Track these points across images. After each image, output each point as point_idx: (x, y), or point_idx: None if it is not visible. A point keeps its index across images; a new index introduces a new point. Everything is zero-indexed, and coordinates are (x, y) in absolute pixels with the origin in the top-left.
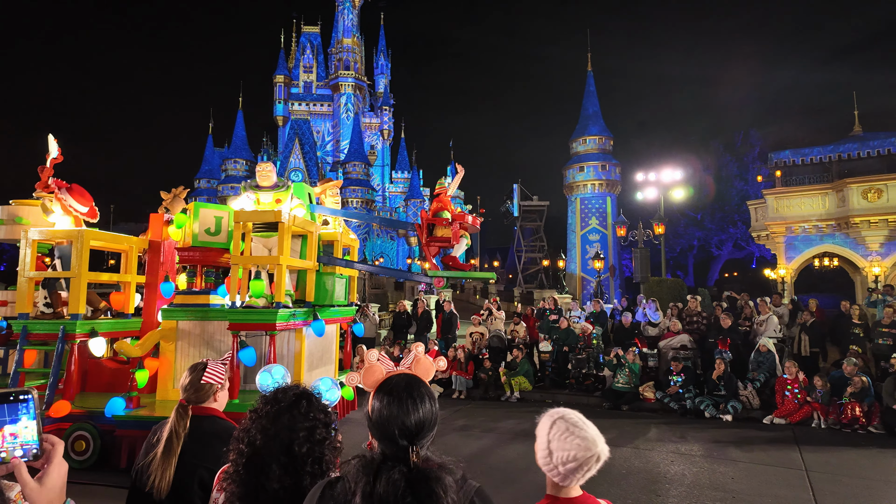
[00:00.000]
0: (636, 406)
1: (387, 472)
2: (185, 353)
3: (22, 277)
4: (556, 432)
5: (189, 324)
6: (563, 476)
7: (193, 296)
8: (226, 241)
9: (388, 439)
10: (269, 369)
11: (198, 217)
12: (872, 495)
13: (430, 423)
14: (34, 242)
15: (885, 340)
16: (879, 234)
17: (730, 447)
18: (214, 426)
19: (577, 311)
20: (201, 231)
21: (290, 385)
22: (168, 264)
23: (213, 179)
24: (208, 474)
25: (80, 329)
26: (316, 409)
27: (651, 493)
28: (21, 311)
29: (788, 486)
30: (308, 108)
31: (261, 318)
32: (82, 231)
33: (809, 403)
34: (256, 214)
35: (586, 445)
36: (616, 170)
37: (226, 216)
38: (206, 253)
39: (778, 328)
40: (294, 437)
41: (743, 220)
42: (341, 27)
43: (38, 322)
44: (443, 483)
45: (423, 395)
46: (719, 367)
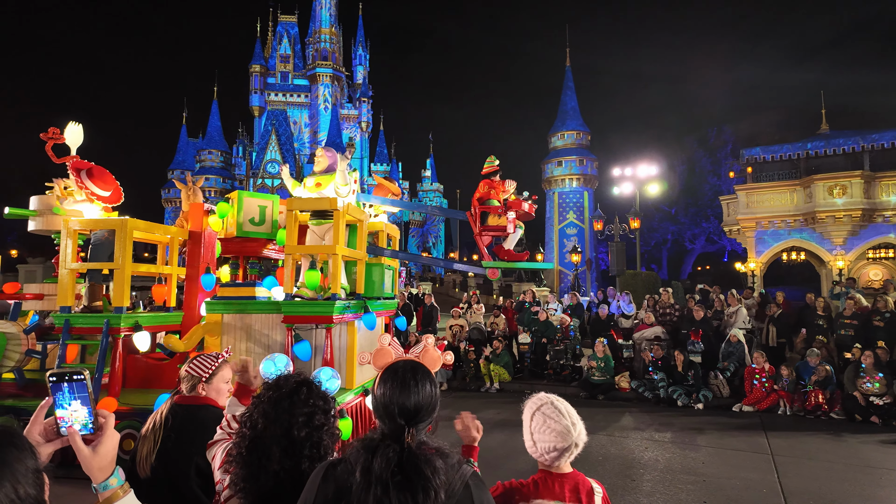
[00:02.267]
0: (612, 395)
1: (383, 451)
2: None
3: (63, 269)
4: (536, 425)
5: (234, 317)
6: (549, 461)
7: (238, 288)
8: (269, 230)
9: (389, 418)
10: (273, 358)
11: (242, 207)
12: (833, 476)
13: (428, 407)
14: (75, 233)
15: (847, 331)
16: (843, 230)
17: (701, 434)
18: (209, 415)
19: (554, 304)
20: (245, 221)
21: (291, 373)
22: (209, 256)
23: (188, 170)
24: (204, 461)
25: (125, 323)
26: (315, 396)
27: (626, 478)
28: (63, 304)
29: (756, 470)
30: (285, 98)
31: (317, 311)
32: (125, 220)
33: (776, 391)
34: (310, 202)
35: (565, 436)
36: (593, 164)
37: (270, 205)
38: (249, 244)
39: (747, 320)
40: (293, 422)
41: (716, 214)
42: (319, 17)
43: (81, 315)
44: (432, 464)
45: (425, 380)
46: (679, 359)
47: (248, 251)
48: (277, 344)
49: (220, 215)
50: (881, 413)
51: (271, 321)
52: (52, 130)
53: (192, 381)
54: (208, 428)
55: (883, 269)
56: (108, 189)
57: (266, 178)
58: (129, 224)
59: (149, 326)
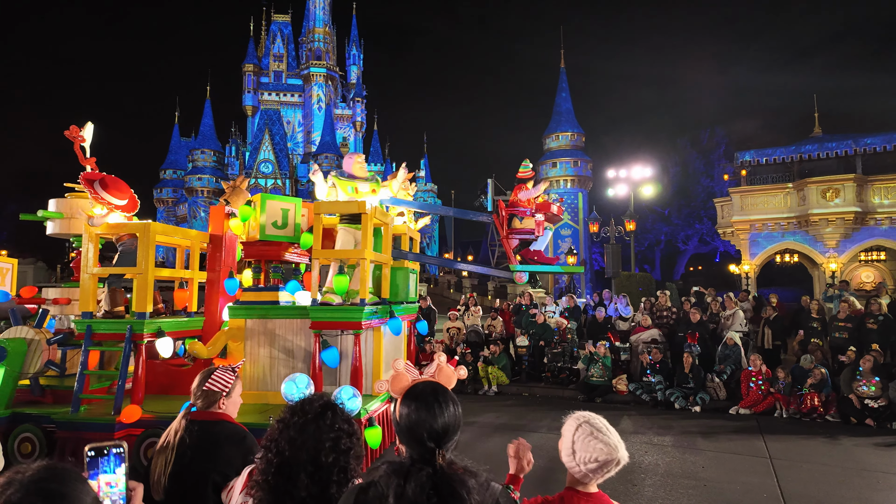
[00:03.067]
0: (609, 398)
1: (415, 475)
2: (253, 353)
3: (85, 274)
4: (581, 435)
5: (256, 322)
6: (583, 474)
7: (261, 292)
8: (292, 234)
9: (417, 442)
10: (294, 378)
11: (265, 210)
12: (830, 480)
13: (454, 427)
14: (96, 237)
15: (841, 334)
16: (836, 232)
17: (699, 437)
18: (224, 430)
19: (552, 307)
20: (268, 224)
21: (314, 395)
22: (230, 259)
23: (180, 170)
24: (221, 478)
25: (148, 329)
26: (340, 419)
27: (628, 483)
28: (84, 309)
29: (754, 473)
30: (278, 98)
31: (346, 317)
32: (148, 224)
33: (772, 394)
34: (338, 205)
35: (609, 450)
36: (587, 166)
37: (292, 208)
38: (271, 247)
39: (744, 322)
40: (320, 448)
41: (709, 216)
42: (313, 16)
43: (104, 321)
44: (466, 485)
45: (448, 400)
46: (687, 361)
47: (269, 255)
48: (300, 349)
49: (243, 218)
50: (876, 416)
51: (296, 326)
52: (73, 129)
53: (213, 396)
54: (223, 445)
55: (875, 271)
56: (123, 198)
57: (259, 177)
58: (152, 228)
59: (170, 332)
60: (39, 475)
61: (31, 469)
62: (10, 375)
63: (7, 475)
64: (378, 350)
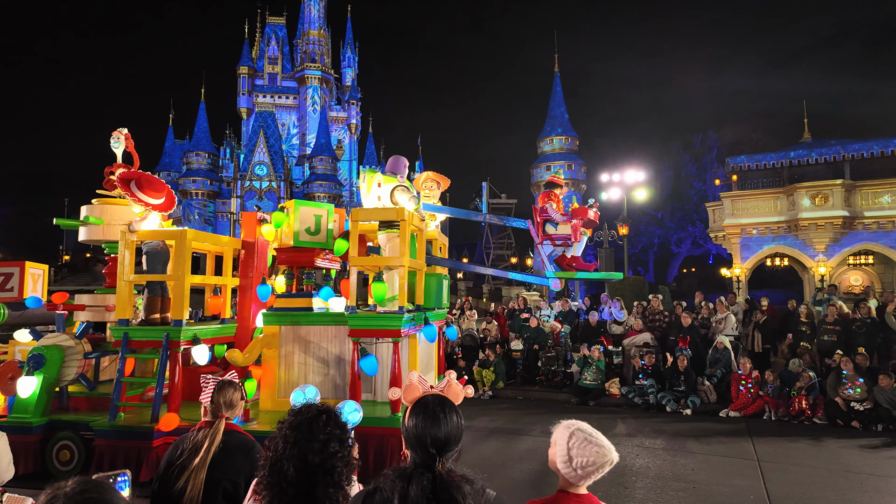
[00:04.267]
0: (602, 401)
1: (417, 479)
2: (287, 360)
3: (121, 281)
4: (576, 441)
5: (291, 329)
6: (579, 477)
7: (295, 299)
8: (325, 240)
9: (421, 449)
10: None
11: (298, 215)
12: (816, 482)
13: (455, 437)
14: (132, 243)
15: (830, 337)
16: (825, 237)
17: (690, 440)
18: (234, 439)
19: (546, 311)
20: (301, 230)
21: (316, 403)
22: (262, 266)
23: (174, 172)
24: (231, 486)
25: (184, 336)
26: (333, 424)
27: (619, 486)
28: (121, 316)
29: (743, 476)
30: (273, 100)
31: (385, 324)
32: (184, 231)
33: (762, 397)
34: (376, 212)
35: (603, 453)
36: (581, 169)
37: (325, 214)
38: (303, 253)
39: (735, 326)
40: (309, 447)
41: (701, 219)
42: (307, 19)
43: (140, 329)
44: (462, 490)
45: (453, 412)
46: (682, 363)
47: (302, 261)
48: (334, 356)
49: (276, 225)
50: (861, 418)
51: (330, 333)
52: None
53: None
54: (233, 453)
55: (863, 274)
56: (159, 196)
57: (254, 180)
58: (188, 234)
59: (205, 339)
60: (81, 487)
61: (70, 484)
62: (48, 383)
63: (49, 491)
64: (413, 357)
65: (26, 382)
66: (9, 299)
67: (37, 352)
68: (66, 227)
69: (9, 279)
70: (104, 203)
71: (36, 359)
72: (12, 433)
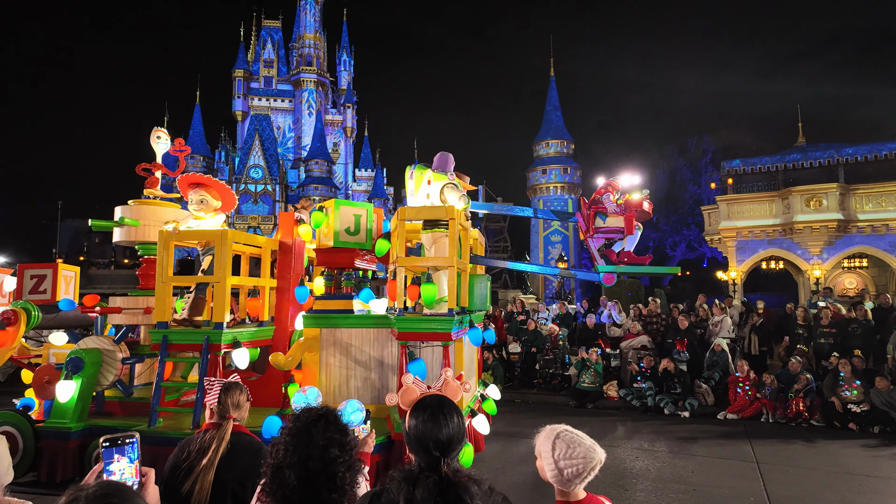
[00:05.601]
0: (600, 404)
1: (423, 481)
2: (327, 363)
3: (160, 283)
4: (561, 452)
5: (331, 332)
6: (574, 484)
7: (334, 301)
8: (364, 240)
9: (424, 451)
10: (305, 391)
11: (338, 215)
12: (815, 484)
13: (458, 438)
14: (171, 245)
15: (826, 340)
16: (820, 240)
17: (688, 442)
18: (241, 441)
19: (543, 314)
20: (341, 230)
21: (316, 406)
22: (299, 267)
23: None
24: (239, 487)
25: (225, 339)
26: (333, 429)
27: (620, 489)
28: (160, 319)
29: (742, 478)
30: (268, 103)
31: (435, 327)
32: (225, 231)
33: (759, 399)
34: (424, 211)
35: (590, 456)
36: (577, 173)
37: (364, 214)
38: (345, 254)
39: (731, 329)
40: (309, 454)
41: (696, 222)
42: (303, 22)
43: (180, 331)
44: (469, 491)
45: (454, 412)
46: (669, 366)
47: (340, 262)
48: (374, 360)
49: (315, 225)
50: (858, 420)
51: (371, 336)
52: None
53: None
54: (240, 455)
55: (857, 277)
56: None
57: (249, 183)
58: (229, 235)
59: (244, 342)
60: (102, 491)
61: (91, 486)
62: (87, 387)
63: (70, 493)
64: (459, 361)
65: (65, 386)
66: (42, 301)
67: (75, 355)
68: (98, 228)
69: (42, 281)
70: (140, 204)
71: (74, 362)
72: (50, 438)
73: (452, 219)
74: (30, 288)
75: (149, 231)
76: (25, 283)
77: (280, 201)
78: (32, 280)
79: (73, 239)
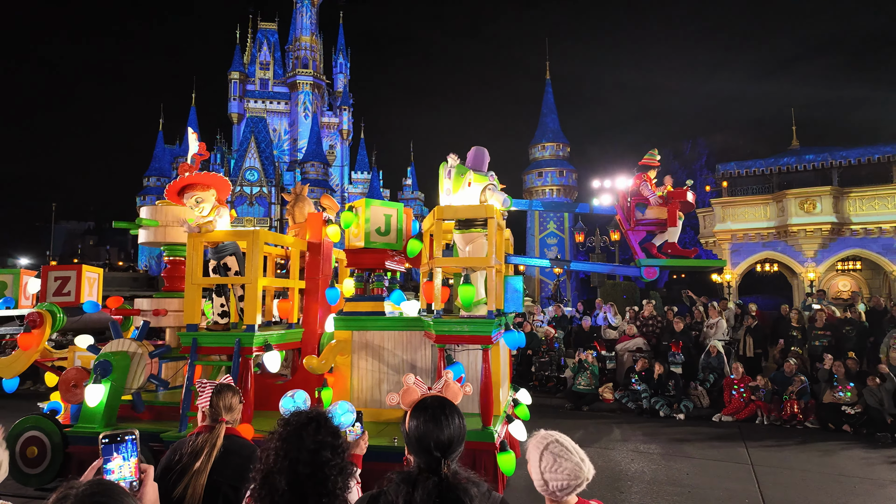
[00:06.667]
0: (596, 406)
1: (423, 483)
2: (359, 367)
3: (190, 284)
4: (547, 464)
5: (363, 334)
6: (560, 497)
7: (366, 303)
8: (395, 241)
9: (424, 452)
10: (293, 394)
11: (369, 215)
12: (809, 485)
13: (459, 439)
14: (200, 245)
15: (820, 342)
16: (814, 243)
17: (684, 444)
18: (234, 444)
19: (539, 316)
20: (372, 231)
21: (305, 409)
22: (327, 268)
23: (164, 178)
24: (232, 491)
25: (256, 342)
26: (325, 432)
27: (615, 491)
28: (189, 321)
29: (737, 480)
30: (264, 105)
31: (475, 330)
32: (258, 231)
33: (754, 402)
34: (463, 209)
35: (576, 473)
36: (573, 176)
37: (394, 214)
38: (376, 255)
39: (726, 331)
40: (300, 458)
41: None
42: (299, 25)
43: (210, 334)
44: (469, 493)
45: (454, 414)
46: (659, 369)
47: (371, 263)
48: (407, 363)
49: (345, 225)
50: (852, 422)
51: (404, 339)
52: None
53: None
54: (232, 458)
55: (851, 280)
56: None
57: (245, 185)
58: (261, 235)
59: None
60: (91, 490)
61: (82, 485)
62: (115, 391)
63: (61, 490)
64: (497, 365)
65: (94, 390)
66: (66, 303)
67: (103, 358)
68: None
69: (66, 283)
70: (163, 205)
71: (103, 366)
72: (79, 444)
73: (492, 218)
74: (54, 290)
75: (174, 232)
76: (49, 284)
77: (276, 203)
78: (56, 282)
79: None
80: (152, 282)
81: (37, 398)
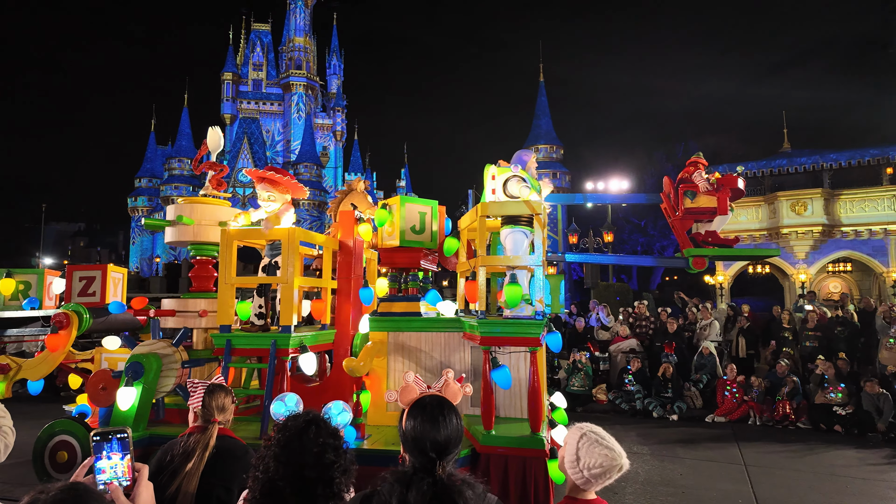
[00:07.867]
0: (589, 408)
1: (417, 483)
2: (394, 369)
3: (223, 284)
4: (586, 442)
5: (398, 336)
6: (586, 480)
7: (401, 303)
8: (429, 239)
9: (420, 452)
10: (283, 398)
11: (404, 213)
12: (802, 485)
13: (455, 440)
14: (234, 245)
15: (812, 343)
16: (805, 244)
17: (677, 445)
18: (227, 444)
19: None
20: (407, 229)
21: (300, 412)
22: (359, 268)
23: (156, 179)
24: (225, 492)
25: (293, 344)
26: (325, 433)
27: (609, 491)
28: (223, 322)
29: (731, 480)
30: (258, 106)
31: (523, 332)
32: (293, 230)
33: (746, 402)
34: (507, 206)
35: (612, 456)
36: (566, 178)
37: (429, 212)
38: (411, 254)
39: (719, 332)
40: (304, 463)
41: None
42: (293, 26)
43: (245, 335)
44: (464, 495)
45: (452, 414)
46: (668, 371)
47: (406, 262)
48: (442, 365)
49: (379, 223)
50: (844, 422)
51: (441, 340)
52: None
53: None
54: (226, 459)
55: (842, 281)
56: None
57: (238, 186)
58: (296, 234)
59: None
60: (62, 495)
61: (53, 489)
62: (147, 394)
63: (32, 494)
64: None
65: (126, 393)
66: (91, 304)
67: (135, 360)
68: (149, 227)
69: (91, 283)
70: (194, 202)
71: (134, 368)
72: None
73: (537, 214)
74: (79, 290)
75: (205, 231)
76: (74, 285)
77: None
78: (81, 282)
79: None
80: (144, 283)
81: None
